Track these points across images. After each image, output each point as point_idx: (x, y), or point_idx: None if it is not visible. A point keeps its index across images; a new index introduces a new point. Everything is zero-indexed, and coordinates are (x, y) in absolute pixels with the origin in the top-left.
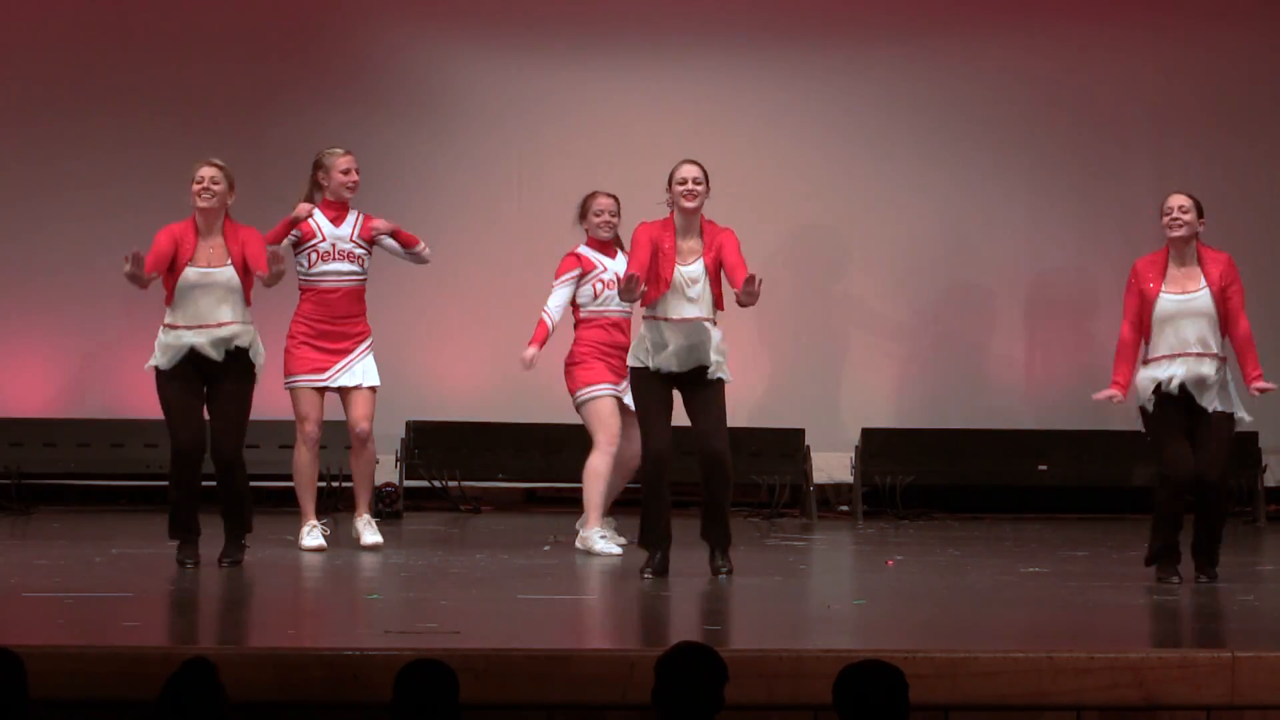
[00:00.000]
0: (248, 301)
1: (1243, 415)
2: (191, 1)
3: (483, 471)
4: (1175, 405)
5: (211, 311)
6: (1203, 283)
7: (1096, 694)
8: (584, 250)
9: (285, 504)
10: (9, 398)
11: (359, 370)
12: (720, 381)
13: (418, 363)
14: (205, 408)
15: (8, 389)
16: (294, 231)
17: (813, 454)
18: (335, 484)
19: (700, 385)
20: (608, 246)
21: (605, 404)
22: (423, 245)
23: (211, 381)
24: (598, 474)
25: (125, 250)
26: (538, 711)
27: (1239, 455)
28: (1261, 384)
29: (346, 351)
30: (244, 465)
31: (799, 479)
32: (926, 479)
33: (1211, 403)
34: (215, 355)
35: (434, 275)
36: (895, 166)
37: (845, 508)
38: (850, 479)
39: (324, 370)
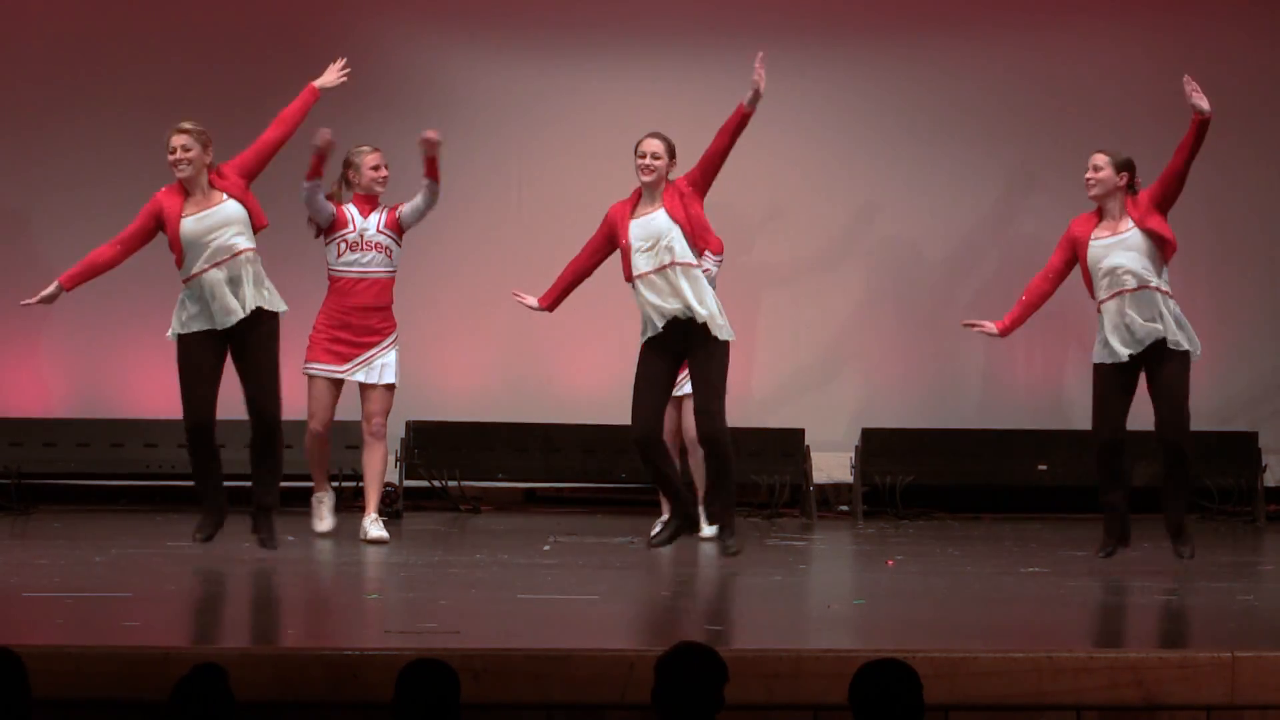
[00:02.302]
0: (259, 226)
1: (1194, 350)
2: (191, 1)
3: (482, 471)
4: (1120, 366)
5: (221, 247)
6: (1131, 224)
7: (1096, 694)
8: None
9: (284, 503)
10: (9, 397)
11: (378, 366)
12: (715, 340)
13: (417, 362)
14: (234, 369)
15: (8, 389)
16: (329, 209)
17: (813, 454)
18: (335, 483)
19: (698, 345)
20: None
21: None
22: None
23: (235, 342)
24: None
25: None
26: (537, 711)
27: (1239, 456)
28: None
29: (368, 346)
30: (282, 434)
31: (799, 479)
32: (926, 479)
33: (1157, 329)
34: (237, 314)
35: (434, 275)
36: (896, 165)
37: (845, 508)
38: (850, 479)
39: (342, 363)
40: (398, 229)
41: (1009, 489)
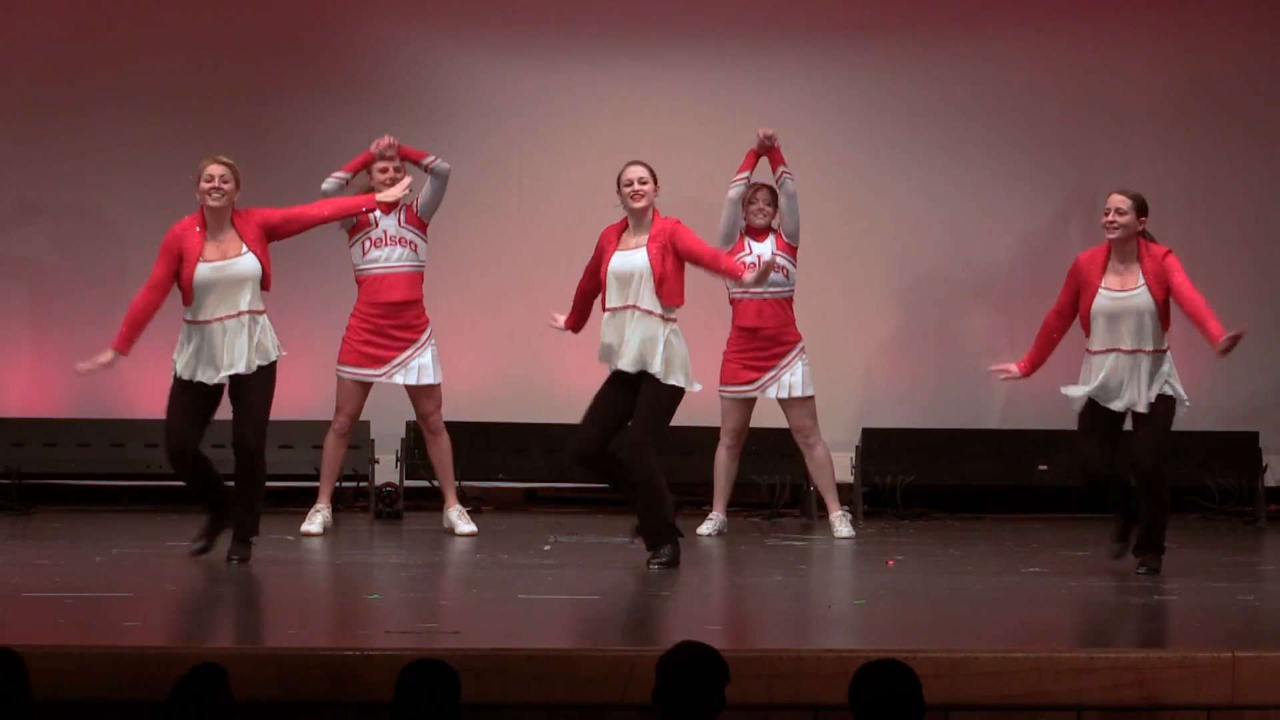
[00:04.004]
0: (265, 287)
1: (1183, 399)
2: (192, 1)
3: (483, 471)
4: (1101, 407)
5: (229, 301)
6: (1141, 280)
7: (1097, 694)
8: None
9: (286, 503)
10: (9, 397)
11: (415, 368)
12: (664, 385)
13: None
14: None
15: (8, 389)
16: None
17: (806, 459)
18: (336, 483)
19: (651, 382)
20: (760, 232)
21: (728, 404)
22: (431, 157)
23: (232, 383)
24: (717, 465)
25: (126, 250)
26: (538, 711)
27: (1239, 455)
28: (1227, 338)
29: (404, 345)
30: (264, 462)
31: (799, 479)
32: (927, 479)
33: (1136, 400)
34: (236, 369)
35: (435, 274)
36: (895, 166)
37: (846, 508)
38: (851, 479)
39: (377, 366)
40: (419, 224)
41: (1009, 489)
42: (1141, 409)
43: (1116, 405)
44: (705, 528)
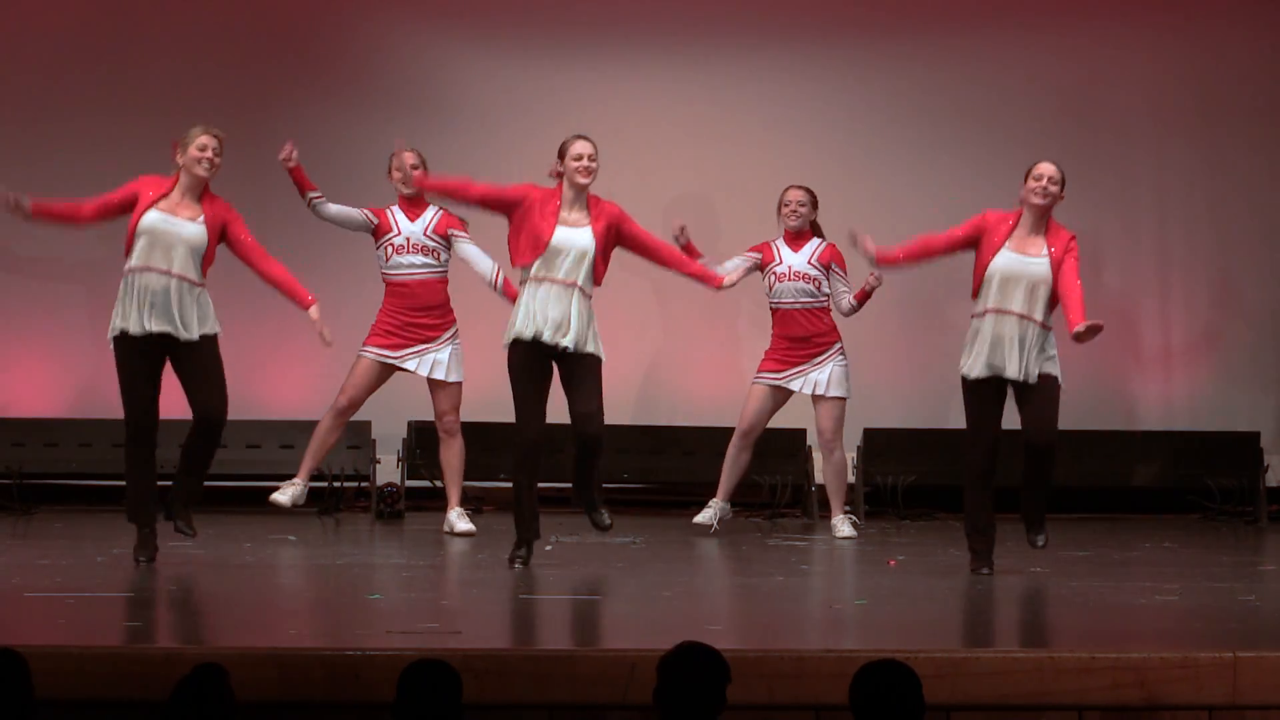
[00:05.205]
0: (203, 267)
1: (1061, 384)
2: (194, 1)
3: (484, 471)
4: (993, 382)
5: (163, 255)
6: (1044, 250)
7: (1098, 694)
8: (776, 242)
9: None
10: (11, 398)
11: (430, 361)
12: (595, 358)
13: None
14: (176, 376)
15: (9, 389)
16: (371, 219)
17: (814, 454)
18: (336, 484)
19: (577, 359)
20: (796, 239)
21: (754, 390)
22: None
23: (173, 351)
24: (728, 456)
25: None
26: (539, 711)
27: (1241, 456)
28: (1086, 326)
29: (428, 339)
30: (221, 437)
31: (800, 479)
32: (928, 479)
33: (1025, 370)
34: (176, 332)
35: None
36: (896, 166)
37: (848, 508)
38: (852, 479)
39: (396, 350)
40: (445, 238)
41: (1010, 489)
42: (1032, 380)
43: (1009, 372)
44: (703, 516)
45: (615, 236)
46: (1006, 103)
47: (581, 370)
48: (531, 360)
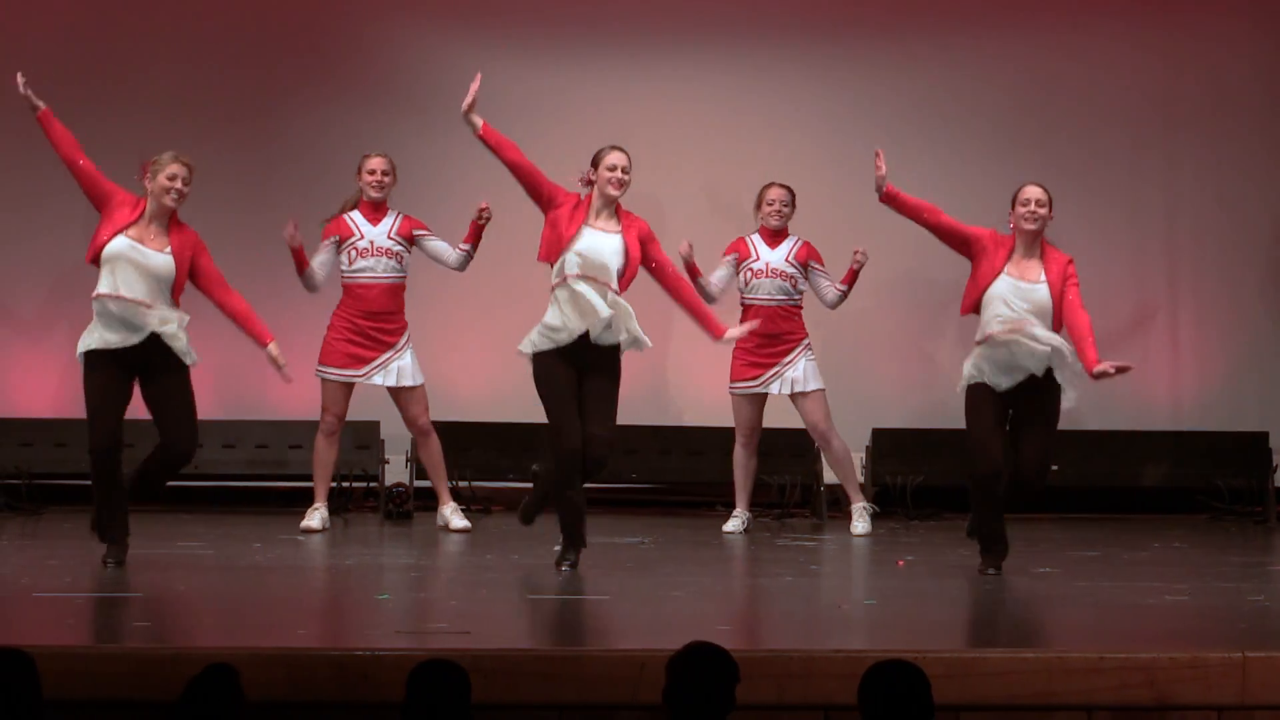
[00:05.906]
0: (174, 294)
1: (1071, 396)
2: (200, 3)
3: (493, 472)
4: (993, 393)
5: (134, 284)
6: (1042, 277)
7: (1107, 694)
8: (752, 237)
9: (293, 504)
10: (19, 398)
11: (395, 369)
12: (618, 362)
13: (427, 363)
14: (144, 402)
15: (18, 389)
16: (336, 241)
17: (822, 455)
18: (345, 484)
19: (605, 363)
20: (774, 236)
21: (735, 400)
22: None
23: (144, 374)
24: (735, 463)
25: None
26: (548, 712)
27: (1250, 456)
28: (1104, 366)
29: (384, 348)
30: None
31: (809, 479)
32: (937, 479)
33: (1035, 368)
34: (143, 335)
35: (443, 276)
36: (901, 164)
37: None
38: (861, 479)
39: (358, 367)
40: (410, 240)
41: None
42: (1057, 378)
43: (1031, 365)
44: (731, 525)
45: (643, 252)
46: (1013, 100)
47: (606, 383)
48: (559, 367)
